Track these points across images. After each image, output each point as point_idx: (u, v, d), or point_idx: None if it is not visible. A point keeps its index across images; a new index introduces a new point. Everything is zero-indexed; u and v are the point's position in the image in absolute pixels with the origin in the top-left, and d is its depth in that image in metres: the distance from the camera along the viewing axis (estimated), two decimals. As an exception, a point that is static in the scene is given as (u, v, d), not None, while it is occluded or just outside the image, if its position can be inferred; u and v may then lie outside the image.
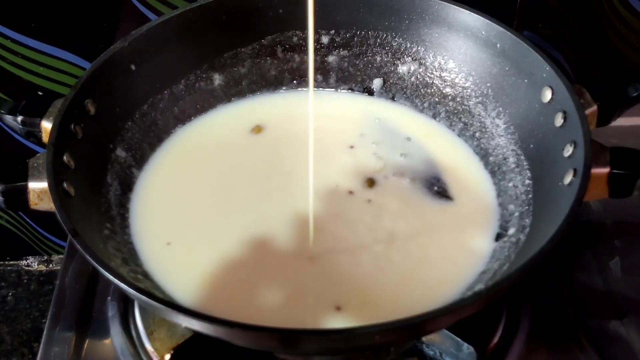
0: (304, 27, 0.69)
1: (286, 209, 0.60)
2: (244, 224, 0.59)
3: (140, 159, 0.63)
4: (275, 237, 0.58)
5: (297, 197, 0.61)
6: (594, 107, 0.57)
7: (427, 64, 0.68)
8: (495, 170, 0.63)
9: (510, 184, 0.60)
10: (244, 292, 0.54)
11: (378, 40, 0.69)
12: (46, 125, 0.56)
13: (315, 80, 0.72)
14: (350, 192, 0.61)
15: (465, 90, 0.66)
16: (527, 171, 0.59)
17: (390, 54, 0.69)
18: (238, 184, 0.62)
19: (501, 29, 0.62)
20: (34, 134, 0.58)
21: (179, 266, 0.56)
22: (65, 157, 0.54)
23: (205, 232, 0.58)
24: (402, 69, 0.69)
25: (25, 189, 0.53)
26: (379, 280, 0.55)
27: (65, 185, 0.52)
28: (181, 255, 0.57)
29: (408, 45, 0.69)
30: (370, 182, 0.62)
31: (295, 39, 0.70)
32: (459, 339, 0.54)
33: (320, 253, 0.57)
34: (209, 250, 0.57)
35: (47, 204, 0.52)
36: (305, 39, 0.70)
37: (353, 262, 0.56)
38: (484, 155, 0.64)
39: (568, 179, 0.52)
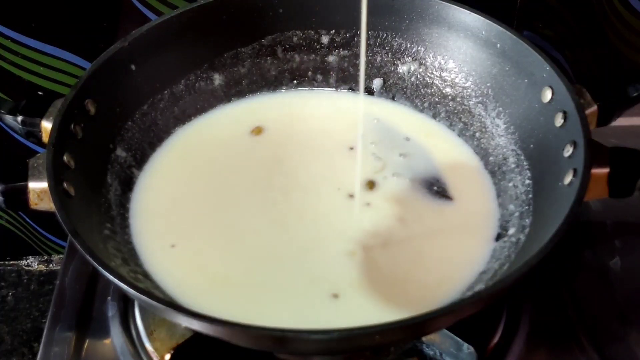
0: (304, 27, 0.69)
1: (290, 212, 0.60)
2: (249, 227, 0.59)
3: (140, 159, 0.63)
4: (281, 240, 0.58)
5: (300, 199, 0.61)
6: (594, 107, 0.57)
7: (427, 64, 0.68)
8: (495, 170, 0.63)
9: (510, 184, 0.60)
10: (249, 294, 0.54)
11: (378, 40, 0.69)
12: (46, 125, 0.56)
13: (315, 80, 0.72)
14: (351, 196, 0.61)
15: (465, 90, 0.66)
16: (527, 171, 0.59)
17: (390, 54, 0.69)
18: (239, 186, 0.62)
19: (501, 29, 0.62)
20: (34, 134, 0.58)
21: (184, 269, 0.56)
22: (65, 157, 0.54)
23: (212, 235, 0.58)
24: (402, 69, 0.69)
25: (25, 189, 0.53)
26: (379, 281, 0.55)
27: (65, 185, 0.52)
28: (187, 258, 0.57)
29: (408, 45, 0.69)
30: (371, 184, 0.62)
31: (295, 38, 0.70)
32: (459, 339, 0.54)
33: (324, 254, 0.57)
34: (216, 253, 0.57)
35: (47, 204, 0.52)
36: (305, 39, 0.70)
37: (354, 263, 0.56)
38: (484, 155, 0.64)
39: (568, 179, 0.52)
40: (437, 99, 0.68)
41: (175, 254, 0.57)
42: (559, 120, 0.56)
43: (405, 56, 0.69)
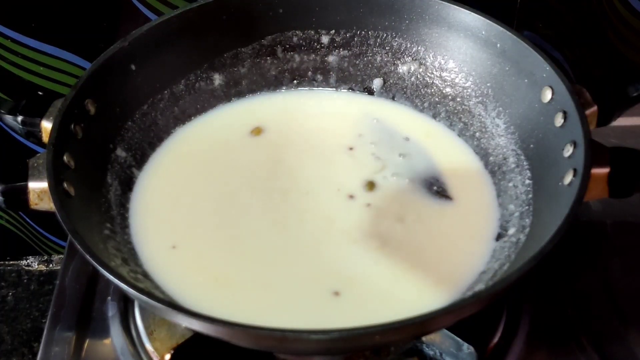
0: (304, 27, 0.69)
1: (290, 213, 0.60)
2: (249, 227, 0.59)
3: (140, 159, 0.63)
4: (281, 240, 0.58)
5: (300, 200, 0.61)
6: (594, 107, 0.57)
7: (427, 63, 0.68)
8: (495, 170, 0.63)
9: (510, 184, 0.60)
10: (249, 294, 0.54)
11: (378, 40, 0.69)
12: (46, 125, 0.56)
13: (315, 80, 0.72)
14: (351, 197, 0.61)
15: (465, 90, 0.66)
16: (527, 171, 0.59)
17: (390, 53, 0.69)
18: (239, 186, 0.62)
19: (501, 28, 0.62)
20: (34, 134, 0.58)
21: (185, 269, 0.56)
22: (65, 157, 0.54)
23: (211, 236, 0.58)
24: (402, 68, 0.69)
25: (25, 189, 0.53)
26: (379, 282, 0.55)
27: (65, 185, 0.52)
28: (188, 258, 0.57)
29: (408, 45, 0.69)
30: (370, 185, 0.62)
31: (295, 38, 0.70)
32: (459, 339, 0.55)
33: (324, 254, 0.57)
34: (216, 253, 0.57)
35: (47, 204, 0.52)
36: (305, 39, 0.70)
37: (355, 264, 0.56)
38: (484, 155, 0.64)
39: (568, 179, 0.52)
40: (437, 99, 0.68)
41: (176, 254, 0.57)
42: (559, 120, 0.56)
43: (405, 56, 0.69)
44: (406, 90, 0.70)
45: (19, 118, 0.58)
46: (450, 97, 0.67)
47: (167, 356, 0.56)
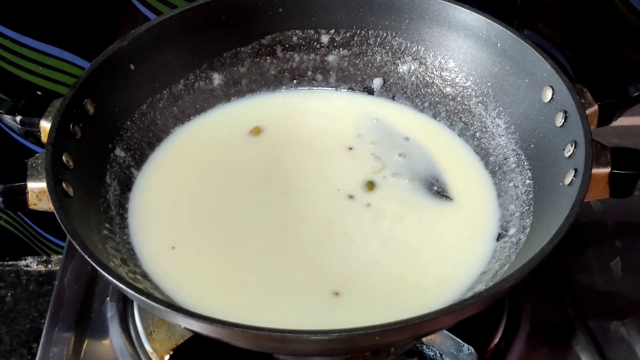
0: (303, 26, 0.69)
1: (290, 213, 0.60)
2: (249, 228, 0.59)
3: (139, 158, 0.63)
4: (281, 241, 0.58)
5: (300, 200, 0.61)
6: (595, 107, 0.57)
7: (428, 63, 0.68)
8: (495, 170, 0.63)
9: (511, 184, 0.60)
10: (249, 294, 0.54)
11: (378, 39, 0.69)
12: (45, 125, 0.56)
13: (315, 79, 0.71)
14: (351, 197, 0.61)
15: (465, 90, 0.66)
16: (528, 171, 0.59)
17: (390, 53, 0.69)
18: (238, 187, 0.62)
19: (502, 28, 0.62)
20: (32, 134, 0.58)
21: (184, 270, 0.56)
22: (64, 157, 0.53)
23: (211, 236, 0.58)
24: (403, 68, 0.69)
25: (24, 189, 0.52)
26: (379, 282, 0.55)
27: (64, 185, 0.52)
28: (187, 259, 0.56)
29: (408, 44, 0.68)
30: (370, 185, 0.62)
31: (294, 38, 0.70)
32: (459, 339, 0.54)
33: (324, 254, 0.57)
34: (216, 254, 0.57)
35: (45, 204, 0.52)
36: (305, 39, 0.70)
37: (355, 264, 0.56)
38: (484, 155, 0.64)
39: (569, 178, 0.52)
40: (437, 99, 0.68)
41: (175, 255, 0.57)
42: (559, 120, 0.56)
43: (406, 55, 0.69)
44: (406, 89, 0.70)
45: (18, 118, 0.57)
46: (450, 97, 0.67)
47: (167, 357, 0.56)
